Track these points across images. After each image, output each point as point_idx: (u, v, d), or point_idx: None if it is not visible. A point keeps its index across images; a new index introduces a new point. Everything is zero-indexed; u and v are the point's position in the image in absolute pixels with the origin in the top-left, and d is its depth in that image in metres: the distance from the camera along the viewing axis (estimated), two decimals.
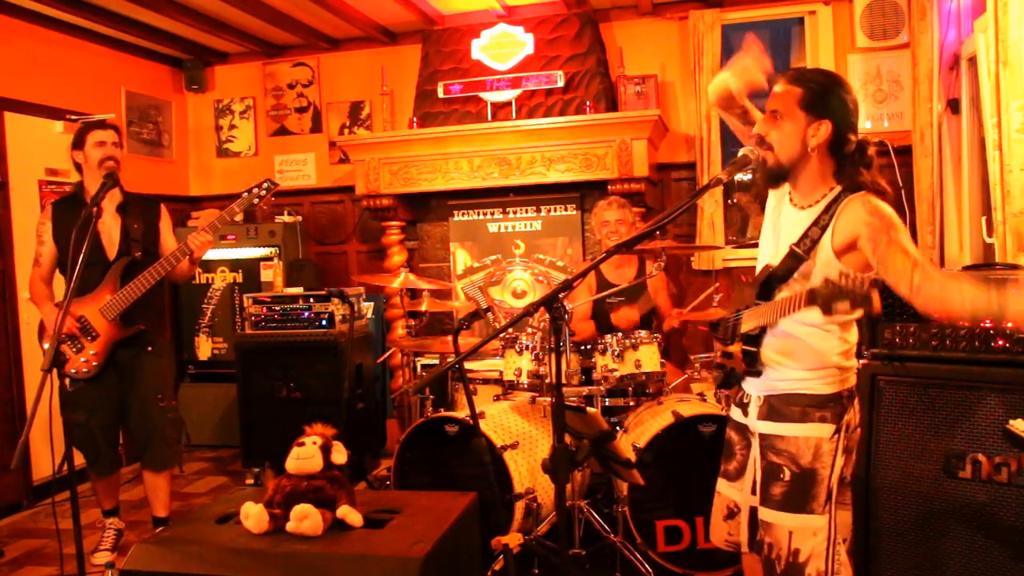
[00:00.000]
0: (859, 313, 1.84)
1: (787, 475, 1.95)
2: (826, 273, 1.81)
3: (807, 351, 1.98)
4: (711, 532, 2.28)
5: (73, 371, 3.32)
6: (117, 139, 3.47)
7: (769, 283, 2.02)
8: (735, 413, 2.19)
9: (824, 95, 1.93)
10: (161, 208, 3.65)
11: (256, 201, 3.45)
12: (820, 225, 1.93)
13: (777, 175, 2.00)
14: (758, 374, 2.05)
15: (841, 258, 1.89)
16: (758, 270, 2.10)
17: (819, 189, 1.98)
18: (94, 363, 3.33)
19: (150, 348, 3.49)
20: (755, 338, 2.04)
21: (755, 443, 2.07)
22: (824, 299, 1.68)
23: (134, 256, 3.40)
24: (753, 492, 2.06)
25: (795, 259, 1.95)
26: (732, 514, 2.17)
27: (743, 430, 2.14)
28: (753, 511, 2.07)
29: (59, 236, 3.40)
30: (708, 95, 2.29)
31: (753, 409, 2.09)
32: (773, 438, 2.00)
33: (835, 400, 1.97)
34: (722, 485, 2.22)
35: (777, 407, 2.01)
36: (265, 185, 3.46)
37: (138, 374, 3.45)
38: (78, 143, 3.44)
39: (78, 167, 3.47)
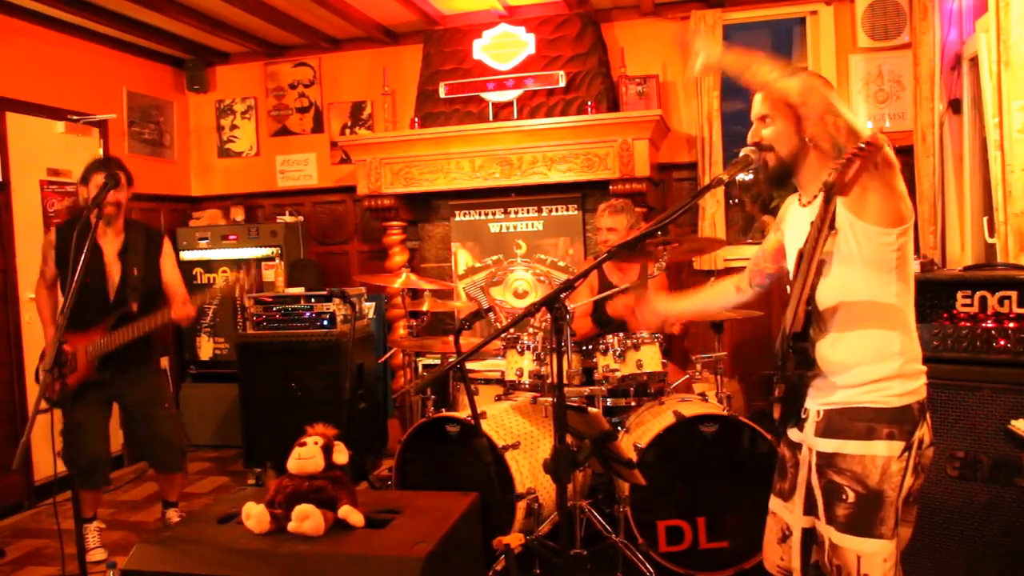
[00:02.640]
0: (903, 236, 1.76)
1: (851, 496, 1.80)
2: (855, 232, 1.77)
3: (865, 337, 1.83)
4: (764, 555, 2.11)
5: (47, 394, 3.33)
6: (121, 183, 3.48)
7: (808, 268, 1.83)
8: (790, 430, 2.02)
9: None
10: (164, 242, 3.71)
11: (238, 291, 3.65)
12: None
13: (782, 174, 1.97)
14: (813, 377, 1.87)
15: (859, 214, 1.78)
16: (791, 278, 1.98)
17: (819, 179, 1.95)
18: (58, 395, 3.19)
19: (149, 368, 3.67)
20: (803, 335, 1.84)
21: (804, 460, 1.93)
22: (835, 177, 1.57)
23: (130, 308, 3.48)
24: (805, 513, 1.93)
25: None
26: (785, 537, 2.02)
27: (795, 446, 1.99)
28: (805, 534, 1.94)
29: (61, 261, 3.48)
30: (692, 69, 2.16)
31: (810, 424, 1.91)
32: (833, 456, 1.83)
33: (905, 414, 1.80)
34: (775, 504, 2.06)
35: (839, 422, 1.84)
36: (242, 277, 3.65)
37: (145, 390, 3.60)
38: (84, 180, 3.50)
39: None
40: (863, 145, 1.55)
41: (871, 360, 1.83)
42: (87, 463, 3.44)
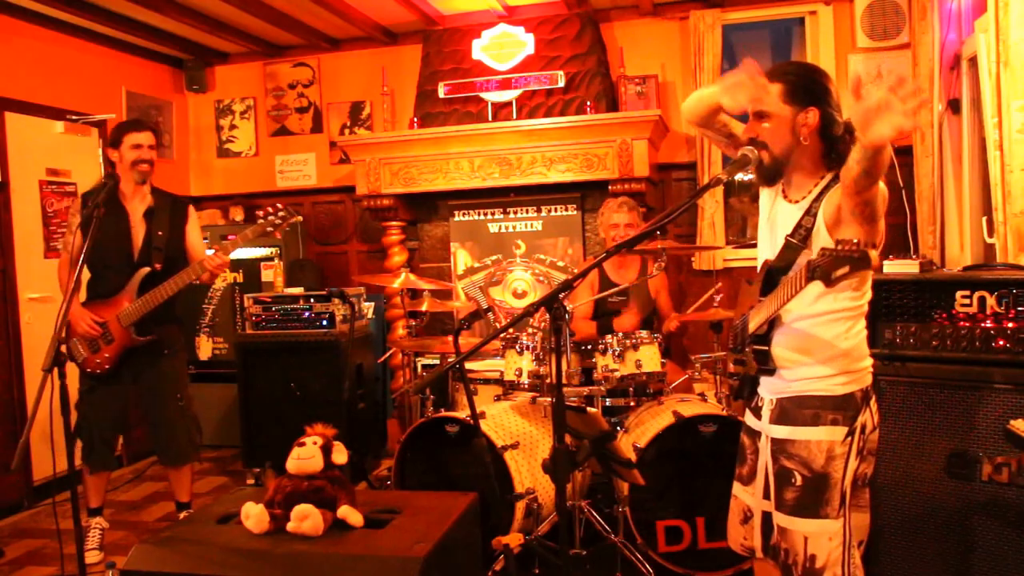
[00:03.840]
0: (861, 277, 1.84)
1: (799, 480, 1.92)
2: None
3: (817, 343, 1.95)
4: (728, 535, 2.23)
5: (89, 368, 3.47)
6: (153, 142, 3.55)
7: (771, 278, 2.00)
8: (748, 417, 2.16)
9: (804, 84, 1.94)
10: (189, 210, 3.71)
11: (271, 230, 3.51)
12: (812, 213, 1.92)
13: (774, 171, 2.00)
14: (772, 372, 2.02)
15: (834, 233, 1.86)
16: (758, 270, 2.10)
17: (811, 179, 1.98)
18: (106, 366, 3.46)
19: (166, 351, 3.58)
20: (764, 337, 2.02)
21: (763, 447, 2.04)
22: (823, 269, 1.65)
23: (154, 267, 3.47)
24: (764, 496, 2.04)
25: (792, 250, 1.95)
26: (747, 518, 2.14)
27: (755, 434, 2.11)
28: (766, 516, 2.05)
29: (85, 227, 3.43)
30: (685, 111, 2.20)
31: (765, 412, 2.05)
32: (784, 442, 1.97)
33: (848, 401, 1.93)
34: (737, 489, 2.18)
35: (789, 410, 1.98)
36: (281, 214, 3.51)
37: (156, 376, 3.56)
38: (115, 142, 3.50)
39: (112, 165, 3.53)
40: (856, 254, 1.61)
41: (820, 359, 1.95)
42: (92, 437, 3.49)
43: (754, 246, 2.28)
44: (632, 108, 5.01)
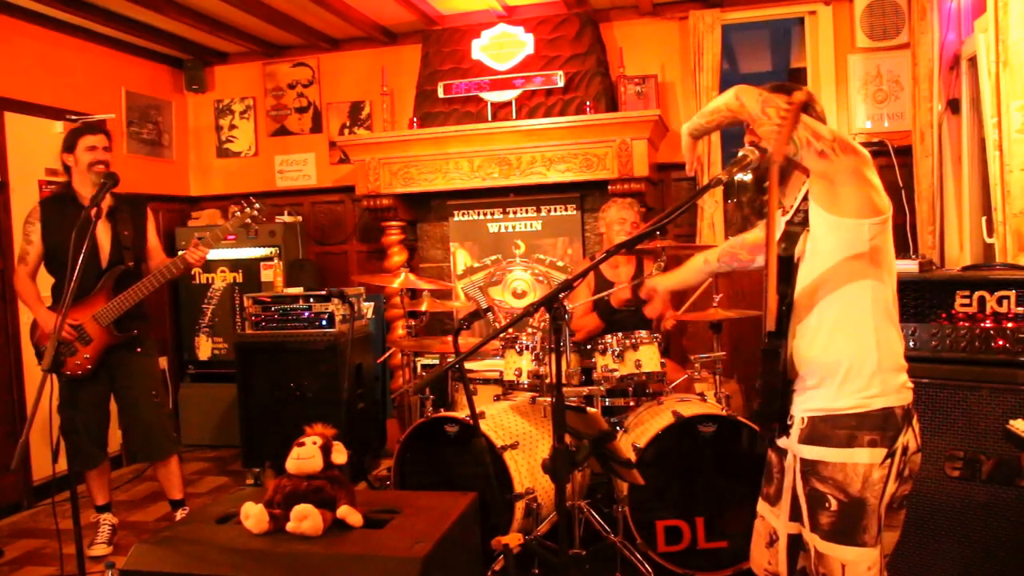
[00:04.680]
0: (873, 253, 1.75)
1: (834, 504, 1.79)
2: (828, 228, 1.77)
3: (842, 349, 1.79)
4: (751, 558, 2.11)
5: (68, 372, 3.47)
6: (108, 143, 3.56)
7: (786, 271, 1.87)
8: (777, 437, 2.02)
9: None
10: (148, 211, 3.76)
11: (248, 221, 3.60)
12: (805, 197, 1.86)
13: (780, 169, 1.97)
14: (780, 366, 1.85)
15: (831, 208, 1.77)
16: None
17: (798, 189, 1.94)
18: (88, 366, 3.48)
19: (139, 349, 3.62)
20: (778, 333, 1.85)
21: (789, 466, 1.92)
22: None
23: (127, 265, 3.52)
24: (791, 519, 1.92)
25: (793, 236, 1.87)
26: (772, 542, 2.01)
27: (782, 452, 1.98)
28: (791, 540, 1.93)
29: (48, 236, 3.49)
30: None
31: (795, 431, 1.89)
32: (817, 464, 1.81)
33: (887, 420, 1.78)
34: (763, 508, 2.06)
35: (821, 429, 1.82)
36: (257, 206, 3.64)
37: (130, 374, 3.59)
38: (69, 147, 3.51)
39: (67, 169, 3.55)
40: (786, 105, 1.63)
41: (847, 356, 1.80)
42: (79, 440, 3.49)
43: None
44: (631, 108, 5.01)
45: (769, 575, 2.04)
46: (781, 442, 1.97)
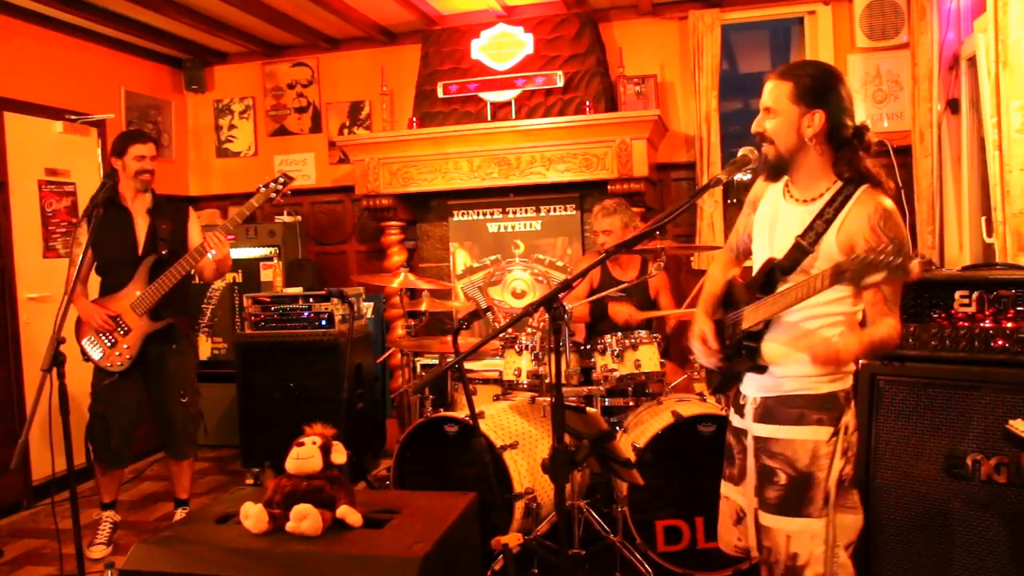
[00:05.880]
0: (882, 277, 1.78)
1: (783, 479, 1.93)
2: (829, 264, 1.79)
3: (813, 341, 1.93)
4: (720, 538, 2.22)
5: (108, 365, 3.53)
6: (155, 152, 3.68)
7: (771, 276, 1.98)
8: (732, 416, 2.16)
9: (814, 86, 1.92)
10: (189, 210, 3.83)
11: (273, 196, 3.61)
12: (825, 219, 1.91)
13: (778, 167, 2.00)
14: (762, 370, 2.01)
15: (843, 252, 1.86)
16: (755, 269, 2.09)
17: (821, 182, 1.96)
18: (127, 356, 3.53)
19: (174, 346, 3.66)
20: (756, 335, 2.01)
21: (749, 445, 2.05)
22: (854, 272, 1.63)
23: (160, 253, 3.57)
24: (756, 495, 2.03)
25: (800, 251, 1.93)
26: (740, 519, 2.12)
27: (740, 434, 2.11)
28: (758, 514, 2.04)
29: (91, 236, 3.51)
30: None
31: (749, 411, 2.06)
32: (768, 441, 1.97)
33: (832, 401, 1.94)
34: (727, 489, 2.18)
35: (773, 409, 1.98)
36: (280, 180, 3.62)
37: (163, 372, 3.64)
38: (119, 151, 3.59)
39: (114, 172, 3.61)
40: (895, 260, 1.59)
41: (807, 353, 1.91)
42: (109, 435, 3.54)
43: None
44: (631, 108, 5.01)
45: (740, 551, 2.16)
46: (736, 422, 2.12)
